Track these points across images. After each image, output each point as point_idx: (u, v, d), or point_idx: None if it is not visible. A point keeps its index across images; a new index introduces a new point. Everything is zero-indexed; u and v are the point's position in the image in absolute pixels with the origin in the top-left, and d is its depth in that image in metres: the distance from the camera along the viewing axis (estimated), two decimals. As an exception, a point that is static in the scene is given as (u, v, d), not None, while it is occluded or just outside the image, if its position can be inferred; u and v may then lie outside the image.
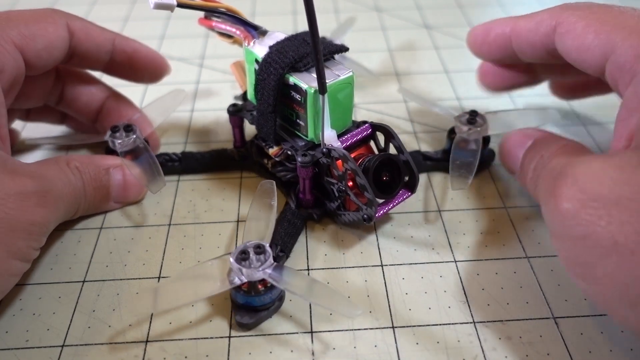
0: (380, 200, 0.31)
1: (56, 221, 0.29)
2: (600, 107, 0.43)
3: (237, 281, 0.27)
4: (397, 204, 0.31)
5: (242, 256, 0.27)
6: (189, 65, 0.49)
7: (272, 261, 0.27)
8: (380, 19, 0.56)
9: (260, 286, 0.27)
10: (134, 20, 0.56)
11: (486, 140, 0.35)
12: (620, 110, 0.26)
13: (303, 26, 0.41)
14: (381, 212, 0.31)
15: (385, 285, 0.29)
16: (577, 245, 0.23)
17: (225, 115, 0.35)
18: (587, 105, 0.43)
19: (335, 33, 0.47)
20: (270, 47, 0.30)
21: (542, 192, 0.26)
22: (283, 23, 0.55)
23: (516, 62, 0.35)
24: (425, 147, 0.39)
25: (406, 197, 0.31)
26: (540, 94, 0.45)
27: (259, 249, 0.27)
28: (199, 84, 0.46)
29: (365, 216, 0.30)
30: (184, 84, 0.46)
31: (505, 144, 0.33)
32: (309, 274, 0.30)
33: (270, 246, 0.30)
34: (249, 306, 0.27)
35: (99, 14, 0.57)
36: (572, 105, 0.43)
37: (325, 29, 0.53)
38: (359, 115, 0.43)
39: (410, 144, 0.39)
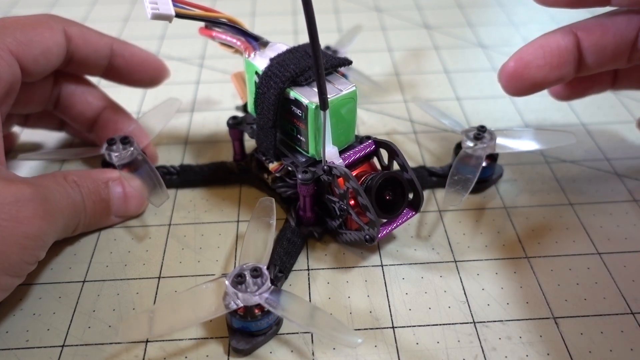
0: (383, 220, 0.29)
1: (55, 236, 0.28)
2: (601, 107, 0.43)
3: (232, 305, 0.25)
4: (400, 224, 0.30)
5: (238, 279, 0.25)
6: (189, 65, 0.49)
7: (270, 285, 0.26)
8: (380, 19, 0.56)
9: (256, 310, 0.26)
10: (134, 20, 0.56)
11: (494, 157, 0.34)
12: None
13: (303, 27, 0.41)
14: (384, 232, 0.29)
15: (385, 285, 0.29)
16: None
17: (225, 125, 0.35)
18: (587, 105, 0.43)
19: (341, 42, 0.46)
20: (271, 60, 0.29)
21: None
22: (283, 23, 0.55)
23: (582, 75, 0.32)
24: (430, 162, 0.38)
25: (410, 217, 0.30)
26: (540, 93, 0.45)
27: (256, 272, 0.26)
28: (199, 84, 0.46)
29: (367, 237, 0.29)
30: (184, 84, 0.46)
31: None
32: (309, 273, 0.30)
33: (269, 267, 0.29)
34: (245, 331, 0.26)
35: (99, 14, 0.57)
36: (572, 105, 0.43)
37: (325, 29, 0.54)
38: (359, 115, 0.43)
39: (416, 157, 0.38)
